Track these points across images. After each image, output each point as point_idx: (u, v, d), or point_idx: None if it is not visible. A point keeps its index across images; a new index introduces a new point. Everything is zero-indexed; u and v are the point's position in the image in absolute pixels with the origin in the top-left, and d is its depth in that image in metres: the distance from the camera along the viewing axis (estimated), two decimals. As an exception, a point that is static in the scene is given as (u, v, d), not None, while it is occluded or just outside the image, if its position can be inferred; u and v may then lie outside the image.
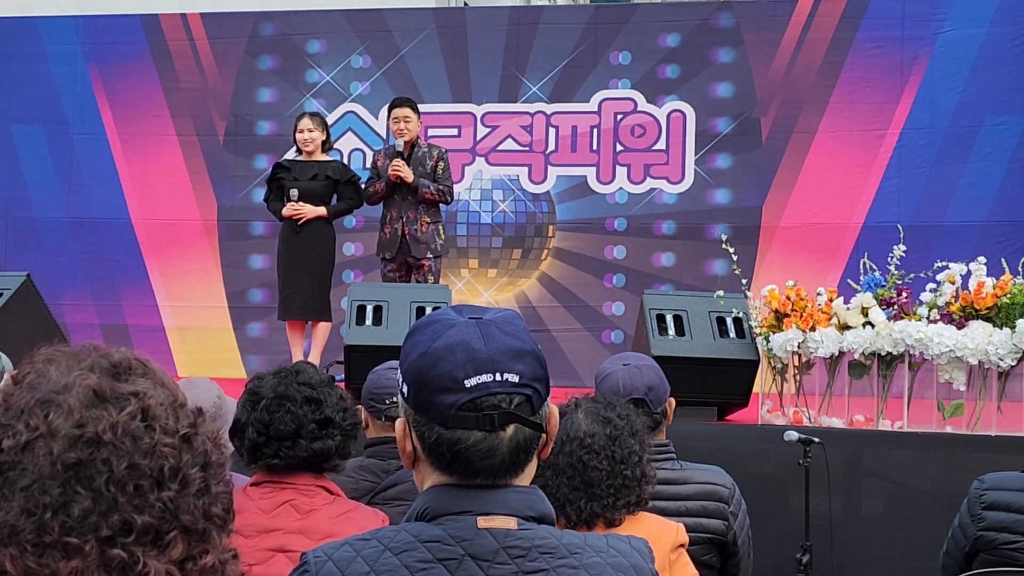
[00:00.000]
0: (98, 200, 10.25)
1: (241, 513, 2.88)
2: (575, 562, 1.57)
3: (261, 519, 2.88)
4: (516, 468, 1.61)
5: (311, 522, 2.87)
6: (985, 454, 5.52)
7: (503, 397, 1.57)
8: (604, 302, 9.56)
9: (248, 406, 2.99)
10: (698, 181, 9.53)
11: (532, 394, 1.60)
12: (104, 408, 1.10)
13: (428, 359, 1.58)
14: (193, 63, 10.26)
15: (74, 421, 1.08)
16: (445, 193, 7.79)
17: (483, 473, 1.58)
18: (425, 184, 7.73)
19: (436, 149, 7.90)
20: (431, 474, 1.62)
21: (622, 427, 2.82)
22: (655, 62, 9.67)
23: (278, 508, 2.90)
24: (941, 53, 9.13)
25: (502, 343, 1.59)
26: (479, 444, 1.56)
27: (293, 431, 2.91)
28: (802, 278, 6.68)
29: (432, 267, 7.77)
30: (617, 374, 3.38)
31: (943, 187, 9.05)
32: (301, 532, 2.84)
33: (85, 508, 1.05)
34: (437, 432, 1.57)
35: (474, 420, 1.56)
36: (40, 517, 1.05)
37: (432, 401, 1.57)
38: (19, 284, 7.07)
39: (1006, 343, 5.67)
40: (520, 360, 1.59)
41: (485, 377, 1.56)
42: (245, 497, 2.93)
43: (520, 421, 1.58)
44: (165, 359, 9.94)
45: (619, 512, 2.77)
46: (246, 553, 2.85)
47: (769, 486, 5.58)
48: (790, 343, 6.06)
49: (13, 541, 1.04)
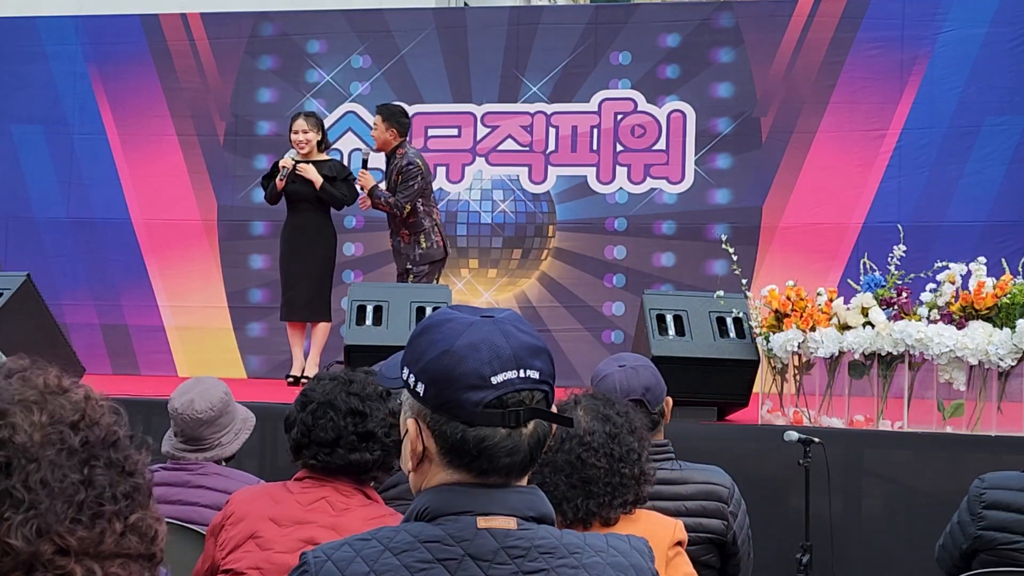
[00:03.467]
0: (98, 200, 10.25)
1: (279, 504, 2.97)
2: (575, 562, 1.57)
3: (297, 511, 2.95)
4: (531, 466, 1.62)
5: (344, 520, 2.91)
6: (985, 454, 5.52)
7: (527, 394, 1.59)
8: (604, 302, 9.56)
9: (299, 406, 3.07)
10: (698, 181, 9.53)
11: (548, 391, 1.62)
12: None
13: (452, 357, 1.58)
14: (193, 63, 10.26)
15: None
16: (392, 206, 7.80)
17: (502, 471, 1.58)
18: (378, 195, 7.85)
19: (402, 160, 7.86)
20: (439, 473, 1.61)
21: (621, 425, 2.82)
22: (655, 62, 9.67)
23: (315, 503, 2.96)
24: (941, 53, 9.13)
25: (522, 340, 1.61)
26: (504, 441, 1.57)
27: (332, 439, 2.98)
28: (802, 278, 6.68)
29: (422, 275, 7.83)
30: (614, 376, 3.37)
31: (943, 187, 9.05)
32: (333, 528, 2.88)
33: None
34: (462, 430, 1.57)
35: (500, 417, 1.57)
36: None
37: (457, 399, 1.57)
38: (19, 284, 7.07)
39: (1006, 343, 5.67)
40: (538, 357, 1.61)
41: (510, 374, 1.57)
42: (286, 491, 3.01)
43: (545, 417, 1.60)
44: (165, 359, 9.94)
45: (615, 511, 2.76)
46: (277, 542, 2.91)
47: (769, 486, 5.58)
48: (790, 343, 6.06)
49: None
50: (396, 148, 7.90)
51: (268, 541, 2.91)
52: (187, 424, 3.72)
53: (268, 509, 2.96)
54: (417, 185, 7.80)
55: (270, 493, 3.02)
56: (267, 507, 2.96)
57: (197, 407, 3.71)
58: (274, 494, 3.01)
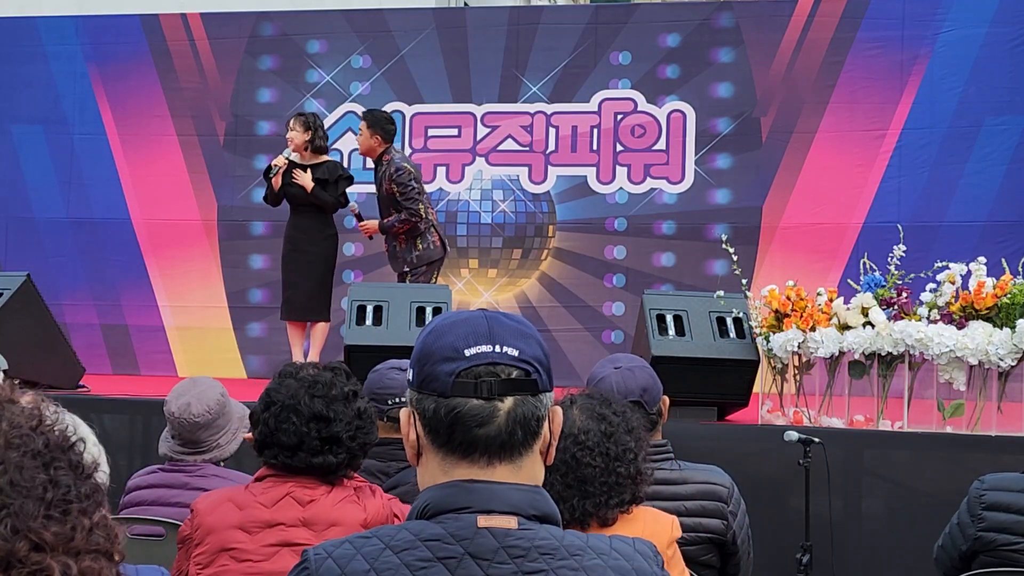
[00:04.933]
0: (98, 200, 10.25)
1: (243, 509, 2.90)
2: (575, 564, 1.56)
3: (263, 513, 2.89)
4: (514, 446, 1.61)
5: (313, 512, 2.88)
6: (985, 454, 5.52)
7: (502, 367, 1.59)
8: (604, 302, 9.56)
9: (262, 405, 3.01)
10: (698, 181, 9.53)
11: (532, 371, 1.61)
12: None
13: (433, 334, 1.62)
14: (193, 63, 10.26)
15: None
16: (408, 220, 7.79)
17: (479, 444, 1.58)
18: (390, 226, 7.82)
19: (390, 167, 7.82)
20: (433, 461, 1.61)
21: (617, 424, 2.81)
22: (655, 62, 9.67)
23: (279, 501, 2.90)
24: (941, 53, 9.13)
25: (506, 325, 1.63)
26: (475, 411, 1.57)
27: (295, 444, 2.91)
28: (802, 278, 6.68)
29: (419, 276, 7.81)
30: (610, 378, 3.36)
31: (943, 187, 9.05)
32: (304, 524, 2.85)
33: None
34: (435, 402, 1.58)
35: (472, 387, 1.57)
36: None
37: (433, 372, 1.59)
38: (19, 284, 7.07)
39: (1006, 343, 5.67)
40: (522, 339, 1.62)
41: (485, 347, 1.59)
42: (248, 494, 2.94)
43: (517, 389, 1.59)
44: (165, 359, 9.95)
45: (612, 511, 2.75)
46: (251, 550, 2.85)
47: (769, 486, 5.58)
48: (790, 343, 6.06)
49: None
50: (382, 155, 7.90)
51: (242, 552, 2.86)
52: (184, 428, 3.67)
53: (233, 517, 2.89)
54: (415, 186, 7.80)
55: (232, 499, 2.94)
56: (232, 515, 2.89)
57: (194, 411, 3.66)
58: (236, 499, 2.93)
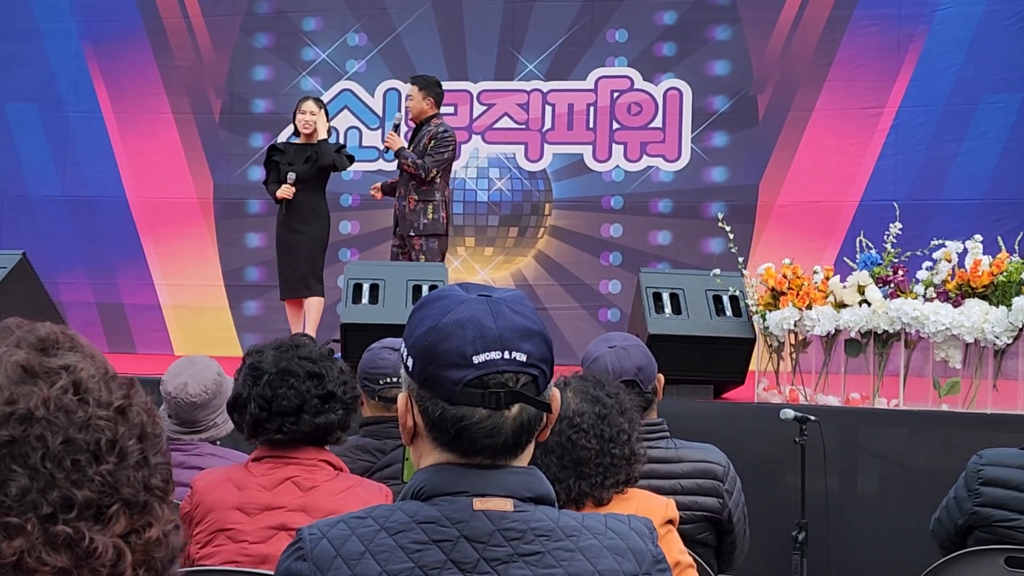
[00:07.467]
0: (94, 179, 10.22)
1: (243, 490, 2.89)
2: (571, 545, 1.57)
3: (263, 496, 2.89)
4: (517, 448, 1.60)
5: (313, 499, 2.87)
6: (981, 432, 5.53)
7: (510, 376, 1.56)
8: (600, 280, 9.56)
9: (249, 381, 2.97)
10: (695, 159, 9.52)
11: (538, 375, 1.59)
12: (35, 383, 1.08)
13: (437, 333, 1.56)
14: (188, 41, 10.22)
15: (4, 398, 1.06)
16: (419, 168, 7.67)
17: (484, 452, 1.57)
18: (405, 156, 7.72)
19: (438, 128, 7.80)
20: (430, 451, 1.61)
21: (611, 406, 2.81)
22: (652, 40, 9.64)
23: (280, 485, 2.90)
24: (938, 31, 9.10)
25: (512, 321, 1.58)
26: (484, 422, 1.55)
27: (296, 407, 2.91)
28: (799, 256, 6.67)
29: (424, 247, 7.75)
30: (605, 357, 3.36)
31: (940, 165, 9.04)
32: (303, 510, 2.85)
33: (22, 486, 1.03)
34: (442, 408, 1.56)
35: (480, 397, 1.55)
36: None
37: (439, 376, 1.56)
38: (15, 263, 7.05)
39: (1002, 321, 5.67)
40: (529, 340, 1.58)
41: (493, 354, 1.55)
42: (247, 473, 2.94)
43: (526, 400, 1.57)
44: (161, 338, 9.94)
45: (607, 491, 2.76)
46: (248, 531, 2.85)
47: (765, 464, 5.59)
48: (786, 321, 6.06)
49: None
50: (431, 117, 7.88)
51: (239, 533, 2.86)
52: (181, 407, 3.66)
53: (233, 497, 2.89)
54: (448, 154, 7.80)
55: (231, 478, 2.94)
56: (231, 495, 2.89)
57: (191, 391, 3.65)
58: (236, 479, 2.93)
